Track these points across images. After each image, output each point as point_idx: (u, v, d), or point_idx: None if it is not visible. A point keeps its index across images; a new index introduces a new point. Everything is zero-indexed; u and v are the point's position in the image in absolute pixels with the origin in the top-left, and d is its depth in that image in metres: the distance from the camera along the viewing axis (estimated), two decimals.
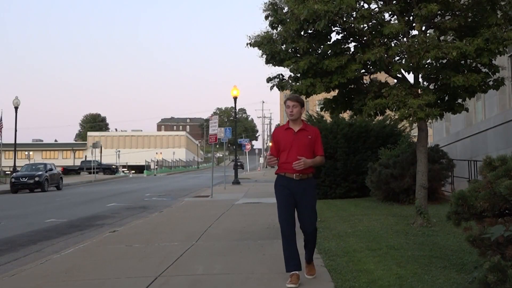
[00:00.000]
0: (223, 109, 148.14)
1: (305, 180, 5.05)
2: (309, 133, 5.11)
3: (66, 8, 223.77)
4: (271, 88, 9.93)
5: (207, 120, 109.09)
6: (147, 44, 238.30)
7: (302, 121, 5.20)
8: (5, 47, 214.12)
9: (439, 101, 9.25)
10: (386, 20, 9.11)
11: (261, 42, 9.26)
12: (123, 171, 67.55)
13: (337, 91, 9.84)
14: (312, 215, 5.11)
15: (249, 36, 9.39)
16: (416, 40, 8.40)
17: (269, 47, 9.20)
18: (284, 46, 9.21)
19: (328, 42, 9.32)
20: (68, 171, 56.87)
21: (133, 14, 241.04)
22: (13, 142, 37.07)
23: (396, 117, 10.71)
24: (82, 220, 13.06)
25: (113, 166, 63.23)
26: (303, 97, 7.45)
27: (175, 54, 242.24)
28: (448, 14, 9.02)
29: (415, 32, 8.99)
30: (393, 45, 8.93)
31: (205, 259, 6.59)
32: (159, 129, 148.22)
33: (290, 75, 9.51)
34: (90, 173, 54.48)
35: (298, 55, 9.16)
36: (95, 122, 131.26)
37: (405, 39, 8.90)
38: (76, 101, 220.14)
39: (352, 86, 9.76)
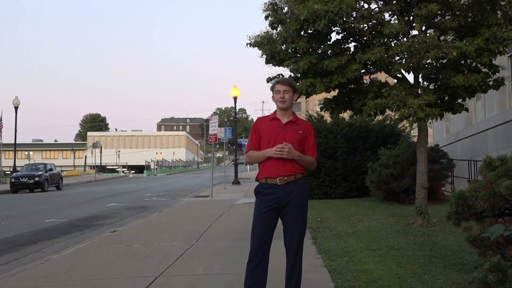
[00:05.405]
0: (223, 109, 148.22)
1: (292, 183, 3.98)
2: (300, 127, 4.12)
3: (66, 9, 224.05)
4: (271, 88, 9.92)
5: (207, 120, 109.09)
6: (147, 44, 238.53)
7: (293, 113, 4.22)
8: (5, 47, 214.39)
9: (439, 101, 9.26)
10: (386, 20, 9.11)
11: (261, 42, 9.26)
12: (123, 171, 67.40)
13: (337, 91, 9.84)
14: (300, 229, 4.03)
15: (249, 36, 9.40)
16: (416, 40, 8.40)
17: (269, 47, 9.20)
18: (284, 46, 9.21)
19: (328, 42, 9.32)
20: None
21: (133, 15, 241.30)
22: (13, 142, 37.09)
23: (396, 117, 10.73)
24: (82, 220, 13.06)
25: None
26: (303, 97, 7.38)
27: (175, 54, 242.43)
28: (448, 14, 9.01)
29: (415, 32, 8.98)
30: (393, 45, 8.93)
31: (205, 259, 6.59)
32: (159, 129, 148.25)
33: (290, 75, 9.50)
34: None
35: (298, 55, 9.16)
36: (95, 122, 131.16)
37: (405, 39, 8.90)
38: (76, 101, 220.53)
39: (352, 86, 9.76)
